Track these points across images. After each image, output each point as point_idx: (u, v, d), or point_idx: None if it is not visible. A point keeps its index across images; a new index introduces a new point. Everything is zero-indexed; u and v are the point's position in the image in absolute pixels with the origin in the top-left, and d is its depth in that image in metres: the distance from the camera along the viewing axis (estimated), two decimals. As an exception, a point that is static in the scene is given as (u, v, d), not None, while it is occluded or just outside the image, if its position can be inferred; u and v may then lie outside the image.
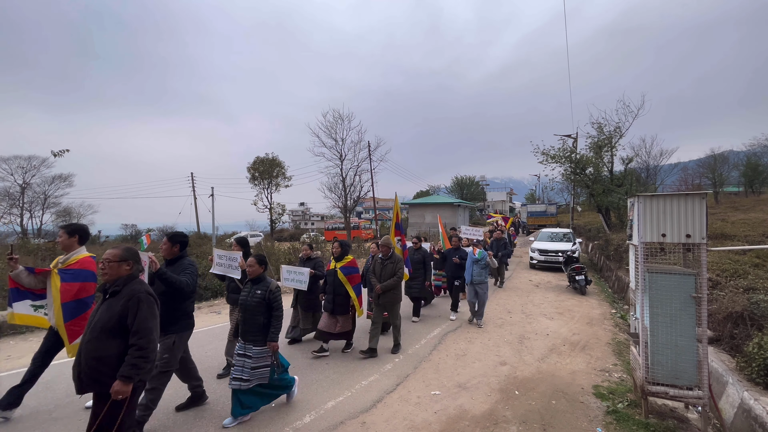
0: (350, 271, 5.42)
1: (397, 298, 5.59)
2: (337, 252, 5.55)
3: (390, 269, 5.56)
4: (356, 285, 5.46)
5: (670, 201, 3.59)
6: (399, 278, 5.51)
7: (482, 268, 7.06)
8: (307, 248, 6.37)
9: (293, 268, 5.96)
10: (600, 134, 18.43)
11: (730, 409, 3.58)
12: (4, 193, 33.27)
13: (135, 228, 41.89)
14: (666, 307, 3.57)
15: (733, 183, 38.72)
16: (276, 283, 3.81)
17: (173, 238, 3.77)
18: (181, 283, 3.47)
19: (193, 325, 3.80)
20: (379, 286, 5.47)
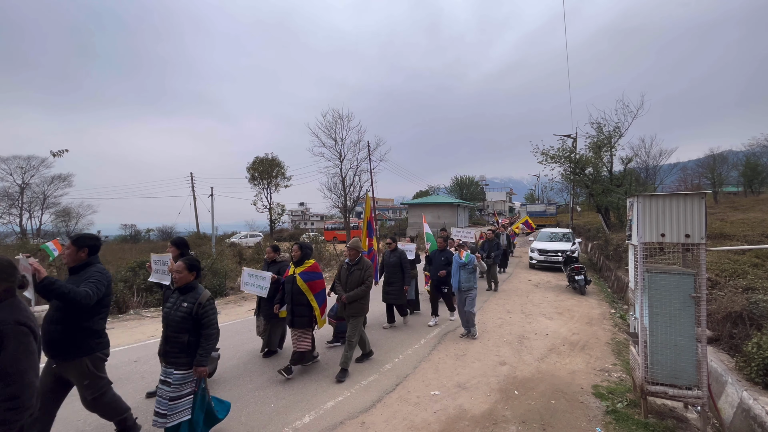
0: (312, 277, 4.73)
1: (361, 310, 4.94)
2: (297, 255, 4.81)
3: (357, 276, 4.91)
4: (319, 293, 4.78)
5: (670, 201, 3.59)
6: (367, 287, 4.89)
7: (470, 273, 6.35)
8: (271, 250, 5.67)
9: (255, 272, 5.35)
10: (599, 134, 18.46)
11: (730, 409, 3.58)
12: (4, 193, 33.29)
13: (134, 228, 41.85)
14: (665, 306, 3.57)
15: (733, 183, 38.77)
16: (208, 294, 3.16)
17: (78, 241, 3.10)
18: (76, 296, 2.73)
19: (107, 346, 3.20)
20: (345, 296, 4.83)
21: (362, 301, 4.94)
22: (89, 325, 3.01)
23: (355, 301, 4.86)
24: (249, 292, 5.44)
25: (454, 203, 40.01)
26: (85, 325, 2.98)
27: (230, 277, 11.65)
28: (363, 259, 5.06)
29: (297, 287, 4.65)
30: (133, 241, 35.85)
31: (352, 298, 4.82)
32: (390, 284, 6.83)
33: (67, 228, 40.07)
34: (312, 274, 4.77)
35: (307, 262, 4.82)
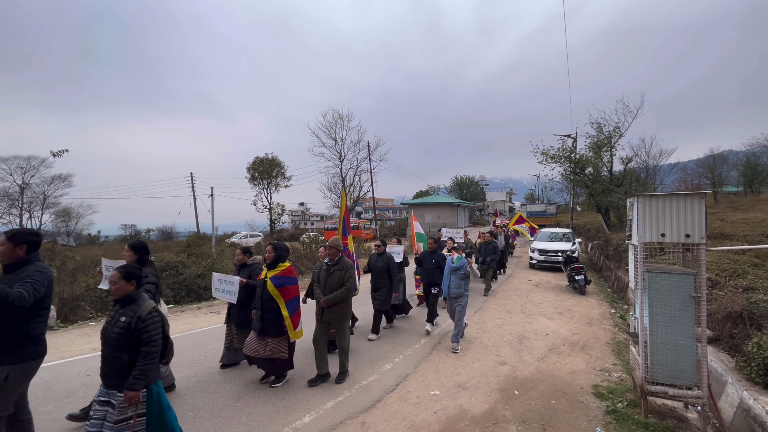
0: (284, 282, 4.32)
1: (345, 314, 4.60)
2: (270, 257, 4.44)
3: (337, 278, 4.55)
4: (291, 300, 4.36)
5: (670, 201, 3.59)
6: (348, 289, 4.56)
7: (461, 278, 5.87)
8: (240, 252, 5.28)
9: (224, 277, 5.01)
10: (599, 134, 18.47)
11: (730, 409, 3.58)
12: (4, 193, 33.33)
13: (134, 228, 41.88)
14: (665, 306, 3.57)
15: (733, 183, 38.79)
16: (151, 305, 2.78)
17: (15, 237, 2.82)
18: (8, 297, 2.50)
19: (43, 354, 2.94)
20: (324, 299, 4.49)
21: (343, 305, 4.57)
22: (24, 329, 2.75)
23: (335, 304, 4.52)
24: (219, 298, 5.09)
25: (454, 203, 40.03)
26: (20, 329, 2.73)
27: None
28: (343, 259, 4.70)
29: (267, 293, 4.28)
30: (134, 241, 35.78)
31: (331, 301, 4.46)
32: (377, 290, 6.41)
33: (67, 228, 40.10)
34: (285, 278, 4.35)
35: (281, 265, 4.42)
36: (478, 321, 7.41)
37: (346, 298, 4.60)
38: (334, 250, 4.68)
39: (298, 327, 4.44)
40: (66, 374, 4.91)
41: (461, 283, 5.88)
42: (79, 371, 5.03)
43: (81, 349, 6.01)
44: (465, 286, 5.91)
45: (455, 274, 5.88)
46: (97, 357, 5.51)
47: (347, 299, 4.64)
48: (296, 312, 4.41)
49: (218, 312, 8.54)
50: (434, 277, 6.75)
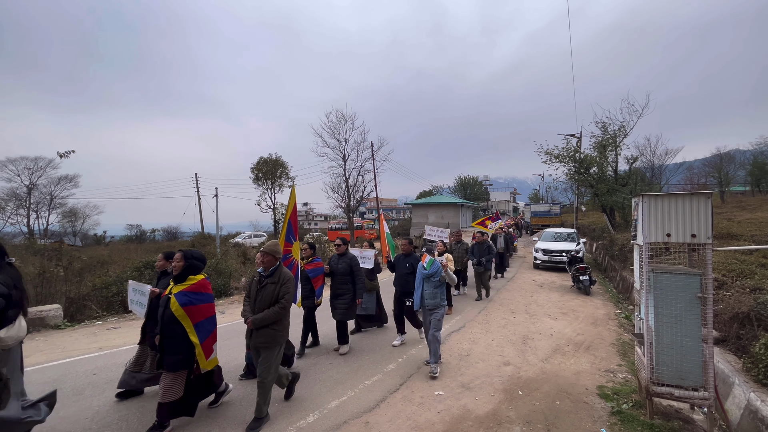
0: (193, 300, 3.43)
1: (277, 338, 3.69)
2: (178, 267, 3.51)
3: (270, 292, 3.69)
4: (204, 321, 3.51)
5: (675, 200, 3.57)
6: (283, 308, 3.65)
7: (436, 287, 4.96)
8: (162, 257, 4.46)
9: (138, 286, 4.25)
10: (604, 133, 18.35)
11: (737, 411, 3.55)
12: (11, 193, 33.68)
13: (140, 228, 42.20)
14: (671, 307, 3.54)
15: (740, 182, 38.43)
16: None
17: None
18: None
19: None
20: (251, 319, 3.63)
21: (276, 327, 3.69)
22: None
23: (265, 326, 3.64)
24: (133, 311, 4.31)
25: (458, 203, 39.93)
26: None
27: (234, 277, 11.71)
28: (281, 270, 3.82)
29: (170, 313, 3.34)
30: (139, 242, 36.15)
31: (260, 321, 3.61)
32: (338, 297, 5.63)
33: (73, 228, 40.49)
34: (195, 295, 3.47)
35: (192, 278, 3.52)
36: (482, 321, 7.39)
37: (280, 319, 3.70)
38: (270, 257, 3.79)
39: (211, 355, 3.60)
40: (73, 373, 4.97)
41: (436, 292, 4.96)
42: (86, 370, 5.09)
43: (87, 348, 6.07)
44: (441, 295, 5.00)
45: (428, 282, 4.96)
46: (105, 356, 5.57)
47: (282, 320, 3.74)
48: (210, 336, 3.58)
49: (223, 312, 8.59)
50: (408, 284, 5.69)
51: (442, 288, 5.04)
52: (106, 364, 5.30)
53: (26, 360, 5.35)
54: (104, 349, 6.04)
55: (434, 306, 4.96)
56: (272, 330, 3.67)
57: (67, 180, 37.27)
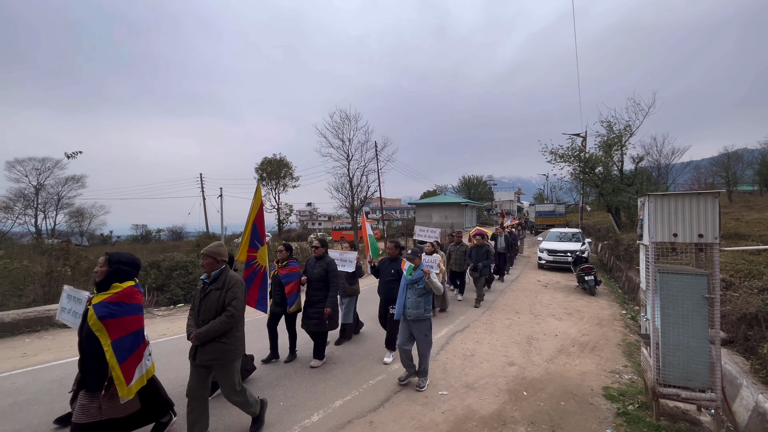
0: (114, 312, 2.84)
1: (229, 353, 3.22)
2: (101, 273, 2.96)
3: (214, 301, 3.20)
4: (123, 338, 2.89)
5: (682, 200, 3.54)
6: (231, 316, 3.17)
7: (420, 294, 4.47)
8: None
9: (75, 292, 3.65)
10: (610, 133, 18.21)
11: (744, 412, 3.51)
12: (20, 194, 34.11)
13: (145, 228, 42.55)
14: (678, 308, 3.52)
15: (748, 182, 38.00)
16: None
17: None
18: None
19: None
20: (194, 334, 3.13)
21: (225, 340, 3.19)
22: None
23: (212, 340, 3.14)
24: (64, 321, 3.68)
25: (462, 203, 39.85)
26: None
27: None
28: (226, 274, 3.34)
29: (88, 327, 2.81)
30: (144, 241, 36.46)
31: (205, 335, 3.11)
32: (312, 305, 5.10)
33: (80, 228, 40.92)
34: (117, 306, 2.88)
35: (117, 286, 2.94)
36: (486, 321, 7.37)
37: (228, 330, 3.21)
38: (209, 260, 3.30)
39: (132, 380, 2.92)
40: (80, 371, 5.02)
41: (420, 301, 4.46)
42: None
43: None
44: (425, 304, 4.50)
45: (411, 289, 4.52)
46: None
47: (232, 331, 3.25)
48: (132, 355, 2.94)
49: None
50: (393, 291, 5.12)
51: (427, 297, 4.52)
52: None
53: (35, 358, 5.43)
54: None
55: (417, 317, 4.44)
56: (221, 344, 3.19)
57: (74, 180, 37.75)
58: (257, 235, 4.39)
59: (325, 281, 5.13)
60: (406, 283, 4.58)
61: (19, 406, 3.99)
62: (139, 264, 3.23)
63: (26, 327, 6.85)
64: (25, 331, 6.81)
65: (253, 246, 4.35)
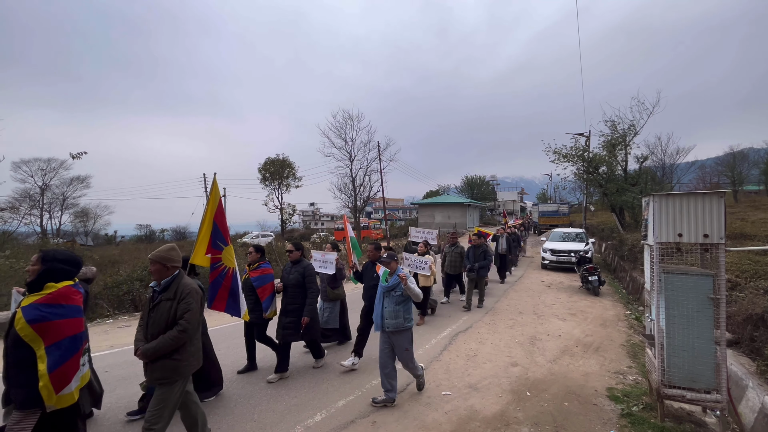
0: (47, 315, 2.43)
1: (178, 371, 2.84)
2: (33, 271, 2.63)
3: (165, 312, 2.84)
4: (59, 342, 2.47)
5: (687, 200, 3.51)
6: (182, 331, 2.79)
7: (398, 303, 4.05)
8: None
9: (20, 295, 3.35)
10: (614, 132, 18.12)
11: (750, 414, 3.48)
12: (25, 194, 34.39)
13: (149, 228, 42.78)
14: (683, 308, 3.49)
15: (753, 181, 37.68)
16: None
17: None
18: None
19: None
20: (142, 350, 2.78)
21: (177, 356, 2.83)
22: None
23: (161, 357, 2.78)
24: None
25: (465, 203, 39.77)
26: None
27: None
28: (179, 282, 2.92)
29: (14, 333, 2.40)
30: (148, 241, 36.64)
31: (153, 352, 2.75)
32: (287, 313, 4.71)
33: (85, 228, 41.21)
34: (50, 308, 2.48)
35: (51, 286, 2.54)
36: (489, 321, 7.36)
37: (179, 345, 2.82)
38: (158, 265, 2.90)
39: (64, 389, 2.47)
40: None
41: (399, 309, 4.04)
42: (98, 367, 5.13)
43: (99, 345, 6.17)
44: (405, 313, 4.08)
45: (389, 297, 4.09)
46: (116, 353, 5.64)
47: (185, 347, 2.87)
48: (68, 362, 2.51)
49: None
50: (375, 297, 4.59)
51: (406, 305, 4.11)
52: (117, 362, 5.39)
53: (40, 357, 5.48)
54: (116, 347, 6.15)
55: (396, 327, 4.02)
56: (173, 361, 2.82)
57: (79, 181, 38.01)
58: (219, 235, 4.01)
59: (301, 287, 4.74)
60: (382, 291, 4.15)
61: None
62: (79, 262, 2.82)
63: None
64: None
65: (216, 247, 4.01)
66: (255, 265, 4.83)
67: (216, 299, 4.07)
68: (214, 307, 4.08)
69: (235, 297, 4.08)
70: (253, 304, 4.70)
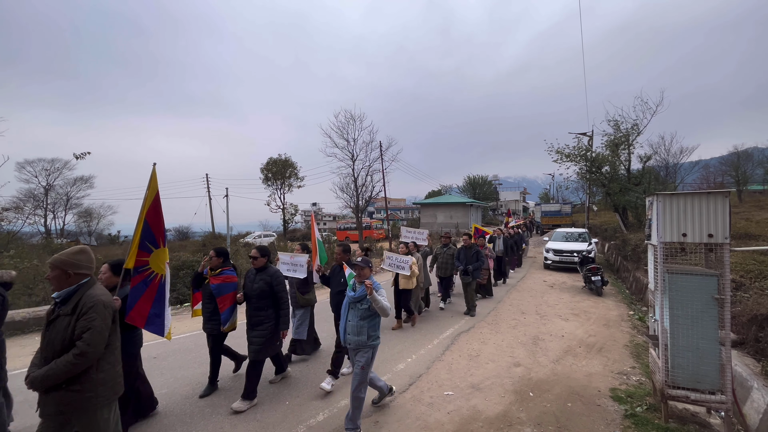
0: None
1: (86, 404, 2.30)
2: None
3: (61, 330, 2.29)
4: None
5: (692, 200, 3.49)
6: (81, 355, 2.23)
7: (363, 317, 3.48)
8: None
9: None
10: (617, 132, 18.05)
11: (756, 415, 3.46)
12: (29, 194, 34.59)
13: (152, 228, 42.91)
14: (687, 308, 3.47)
15: (758, 181, 37.43)
16: None
17: None
18: None
19: None
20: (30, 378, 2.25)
21: (77, 388, 2.28)
22: None
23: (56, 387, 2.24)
24: None
25: (467, 203, 39.70)
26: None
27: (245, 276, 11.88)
28: (84, 293, 2.37)
29: None
30: (152, 241, 36.73)
31: (42, 381, 2.22)
32: (253, 327, 4.12)
33: (89, 228, 41.43)
34: None
35: None
36: (491, 322, 7.34)
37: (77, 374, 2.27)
38: (57, 272, 2.37)
39: None
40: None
41: (362, 325, 3.45)
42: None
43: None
44: (370, 329, 3.48)
45: (354, 310, 3.53)
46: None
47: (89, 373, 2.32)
48: None
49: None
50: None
51: (373, 320, 3.51)
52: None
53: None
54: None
55: (358, 345, 3.44)
56: (70, 392, 2.25)
57: (83, 181, 38.20)
58: (149, 235, 3.43)
59: (268, 298, 4.15)
60: (348, 301, 3.59)
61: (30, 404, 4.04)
62: None
63: (36, 325, 6.95)
64: (36, 330, 6.90)
65: (144, 249, 3.40)
66: (217, 270, 4.28)
67: (134, 310, 3.31)
68: (131, 319, 3.29)
69: (160, 311, 3.42)
70: (210, 314, 4.32)
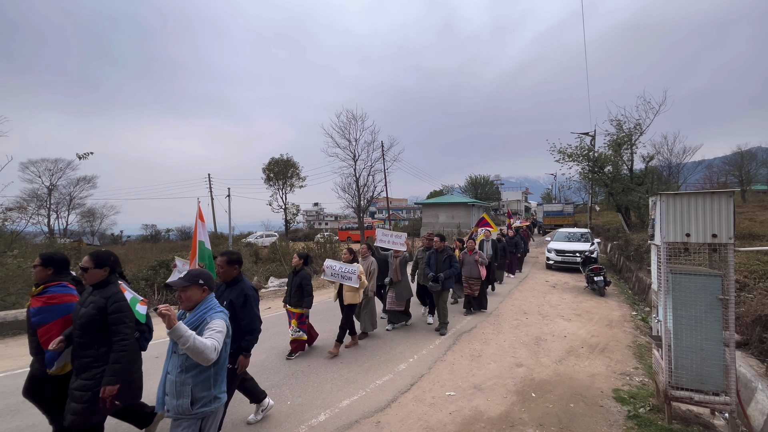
0: None
1: None
2: None
3: None
4: None
5: (695, 199, 3.47)
6: None
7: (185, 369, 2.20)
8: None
9: None
10: (619, 131, 17.98)
11: (760, 416, 3.43)
12: (33, 194, 34.78)
13: (155, 228, 43.11)
14: (690, 309, 3.45)
15: (762, 181, 37.23)
16: None
17: None
18: None
19: None
20: None
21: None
22: None
23: None
24: None
25: (469, 203, 39.66)
26: None
27: (246, 276, 11.91)
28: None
29: None
30: (154, 241, 36.91)
31: None
32: (78, 373, 2.69)
33: (91, 228, 41.62)
34: None
35: None
36: (493, 322, 7.32)
37: None
38: None
39: None
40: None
41: (186, 379, 2.21)
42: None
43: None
44: (199, 387, 2.23)
45: (174, 356, 2.28)
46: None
47: None
48: None
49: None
50: None
51: (202, 373, 2.23)
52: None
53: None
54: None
55: (177, 412, 2.20)
56: None
57: (86, 181, 38.38)
58: None
59: (98, 332, 2.68)
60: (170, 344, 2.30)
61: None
62: None
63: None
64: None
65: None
66: (40, 287, 2.94)
67: None
68: None
69: None
70: (35, 349, 2.90)
